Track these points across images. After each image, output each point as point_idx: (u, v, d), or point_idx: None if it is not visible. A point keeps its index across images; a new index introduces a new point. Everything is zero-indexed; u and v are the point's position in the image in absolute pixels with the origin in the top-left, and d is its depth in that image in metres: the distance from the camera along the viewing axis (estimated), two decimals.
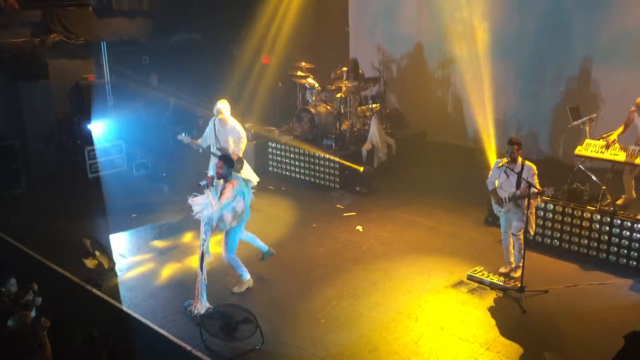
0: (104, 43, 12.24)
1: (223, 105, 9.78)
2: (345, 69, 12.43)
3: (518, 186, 7.42)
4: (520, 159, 7.45)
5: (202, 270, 7.22)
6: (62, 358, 5.65)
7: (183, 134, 9.70)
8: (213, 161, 10.19)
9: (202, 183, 7.22)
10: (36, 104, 11.84)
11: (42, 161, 11.89)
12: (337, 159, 11.35)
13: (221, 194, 7.16)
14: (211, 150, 9.81)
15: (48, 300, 6.87)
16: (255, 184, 10.53)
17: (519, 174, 7.35)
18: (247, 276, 7.75)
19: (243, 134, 9.97)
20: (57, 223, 9.94)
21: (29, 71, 11.70)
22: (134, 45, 13.01)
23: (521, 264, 7.61)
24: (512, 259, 8.01)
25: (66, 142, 11.95)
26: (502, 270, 8.00)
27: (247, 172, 10.38)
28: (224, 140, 9.88)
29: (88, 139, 11.64)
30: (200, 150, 9.96)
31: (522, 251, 7.57)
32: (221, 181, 7.35)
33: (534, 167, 7.45)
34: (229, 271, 7.73)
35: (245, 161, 10.31)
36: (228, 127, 9.79)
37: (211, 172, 10.14)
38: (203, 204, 7.18)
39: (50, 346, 5.53)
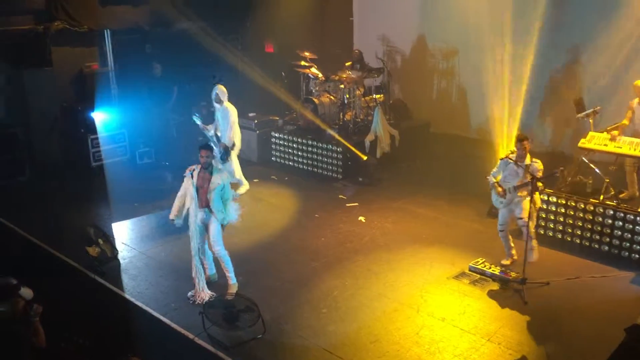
0: (107, 31, 12.22)
1: (218, 92, 9.82)
2: (349, 63, 12.42)
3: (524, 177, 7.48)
4: (529, 156, 7.51)
5: (197, 261, 7.24)
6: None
7: (196, 116, 9.82)
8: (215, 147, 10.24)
9: (187, 173, 7.17)
10: (40, 92, 11.82)
11: (46, 149, 11.90)
12: (342, 140, 11.36)
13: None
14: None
15: (50, 289, 6.90)
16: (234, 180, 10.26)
17: (527, 166, 7.42)
18: (235, 279, 7.47)
19: (234, 120, 9.90)
20: (60, 211, 9.96)
21: (33, 59, 11.67)
22: (137, 34, 12.98)
23: (535, 245, 7.69)
24: (513, 252, 8.04)
25: (69, 130, 11.96)
26: (504, 262, 8.02)
27: (236, 167, 10.23)
28: (220, 128, 9.95)
29: (91, 127, 11.65)
30: (209, 135, 10.09)
31: (534, 234, 7.66)
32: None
33: (541, 164, 7.48)
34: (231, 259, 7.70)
35: (233, 154, 10.13)
36: (221, 112, 9.85)
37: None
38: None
39: (43, 332, 5.52)
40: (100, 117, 11.72)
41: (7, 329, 5.25)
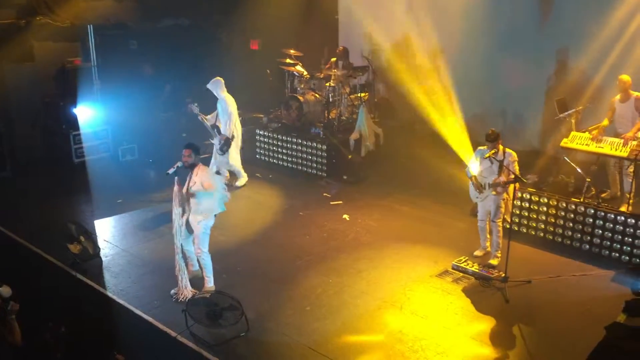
0: (90, 26, 12.10)
1: (210, 84, 9.81)
2: (334, 59, 12.41)
3: (499, 173, 7.56)
4: (501, 148, 7.57)
5: (179, 259, 7.21)
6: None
7: (195, 105, 9.72)
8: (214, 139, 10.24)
9: (170, 171, 7.03)
10: (21, 87, 11.69)
11: (27, 145, 11.77)
12: (330, 138, 11.39)
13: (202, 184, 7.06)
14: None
15: (31, 285, 6.83)
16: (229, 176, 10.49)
17: (501, 162, 7.50)
18: (212, 282, 7.39)
19: (232, 111, 9.95)
20: (41, 207, 9.86)
21: (14, 54, 11.54)
22: (121, 30, 12.87)
23: (499, 254, 7.77)
24: (487, 244, 8.16)
25: (51, 126, 11.84)
26: (477, 253, 8.17)
27: (233, 157, 10.31)
28: (218, 119, 9.93)
29: (74, 123, 11.54)
30: (207, 126, 10.06)
31: (501, 238, 7.71)
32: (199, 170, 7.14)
33: (514, 154, 7.64)
34: (214, 257, 7.66)
35: (234, 145, 10.24)
36: (220, 103, 9.83)
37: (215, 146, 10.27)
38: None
39: (19, 330, 5.44)
40: (83, 113, 11.61)
41: None
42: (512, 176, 7.47)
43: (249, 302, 6.88)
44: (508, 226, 7.76)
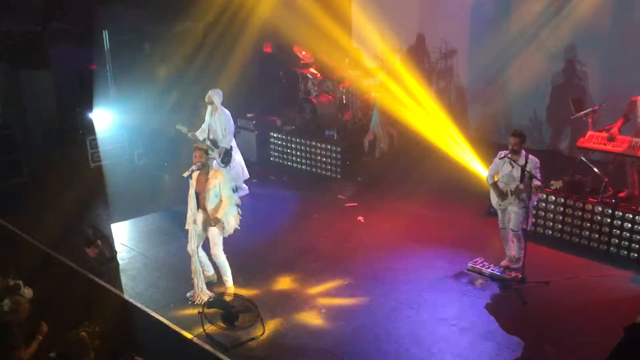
0: (105, 31, 12.20)
1: (212, 94, 9.67)
2: (347, 61, 12.41)
3: (522, 179, 7.38)
4: (523, 152, 7.44)
5: (196, 262, 7.24)
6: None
7: (181, 124, 9.72)
8: None
9: (186, 174, 7.10)
10: (37, 93, 11.79)
11: (44, 150, 11.88)
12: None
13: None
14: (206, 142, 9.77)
15: (49, 290, 6.89)
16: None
17: (523, 167, 7.32)
18: (231, 282, 7.44)
19: (228, 124, 9.74)
20: (58, 212, 9.93)
21: (30, 59, 11.65)
22: (135, 34, 12.95)
23: (522, 256, 7.60)
24: (512, 253, 8.01)
25: (68, 131, 11.93)
26: (504, 263, 7.98)
27: (236, 170, 10.08)
28: (214, 131, 9.76)
29: (90, 128, 11.63)
30: (200, 141, 9.75)
31: (523, 244, 7.56)
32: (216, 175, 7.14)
33: (537, 161, 7.44)
34: (230, 259, 7.68)
35: (237, 156, 10.06)
36: (216, 116, 9.69)
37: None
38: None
39: (35, 351, 5.42)
40: (99, 117, 11.70)
41: (3, 329, 5.24)
42: (536, 183, 7.24)
43: (264, 304, 6.90)
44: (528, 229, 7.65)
